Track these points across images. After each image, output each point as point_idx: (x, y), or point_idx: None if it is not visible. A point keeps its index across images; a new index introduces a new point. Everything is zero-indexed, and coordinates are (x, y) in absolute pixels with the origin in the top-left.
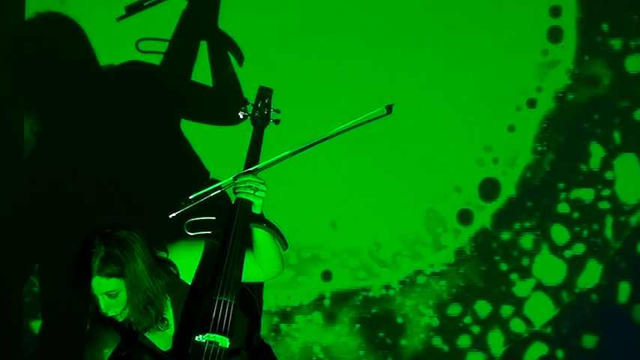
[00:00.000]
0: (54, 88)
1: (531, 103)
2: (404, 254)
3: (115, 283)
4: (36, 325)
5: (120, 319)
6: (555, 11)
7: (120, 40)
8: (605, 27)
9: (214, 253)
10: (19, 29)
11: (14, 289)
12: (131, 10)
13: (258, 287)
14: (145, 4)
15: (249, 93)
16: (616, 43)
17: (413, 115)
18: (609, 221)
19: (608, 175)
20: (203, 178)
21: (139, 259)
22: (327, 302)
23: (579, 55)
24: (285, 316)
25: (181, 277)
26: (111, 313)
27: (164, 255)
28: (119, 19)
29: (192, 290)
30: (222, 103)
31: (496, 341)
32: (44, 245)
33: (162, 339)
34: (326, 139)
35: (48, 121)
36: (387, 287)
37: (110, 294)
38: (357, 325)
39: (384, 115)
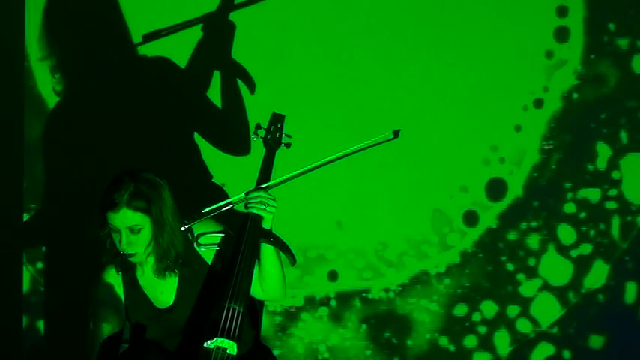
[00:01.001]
0: (70, 89)
1: (538, 103)
2: (410, 254)
3: (140, 218)
4: (39, 324)
5: (135, 260)
6: (562, 11)
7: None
8: (611, 27)
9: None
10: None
11: (17, 289)
12: (148, 38)
13: None
14: (162, 33)
15: (261, 118)
16: (623, 43)
17: (419, 114)
18: (616, 221)
19: (615, 175)
20: (213, 191)
21: (166, 200)
22: (333, 302)
23: (586, 55)
24: (291, 316)
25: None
26: (129, 251)
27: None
28: (136, 45)
29: (202, 264)
30: (229, 135)
31: (502, 341)
32: (51, 245)
33: (160, 297)
34: (333, 162)
35: (58, 121)
36: (393, 287)
37: (133, 229)
38: (363, 325)
39: (390, 140)
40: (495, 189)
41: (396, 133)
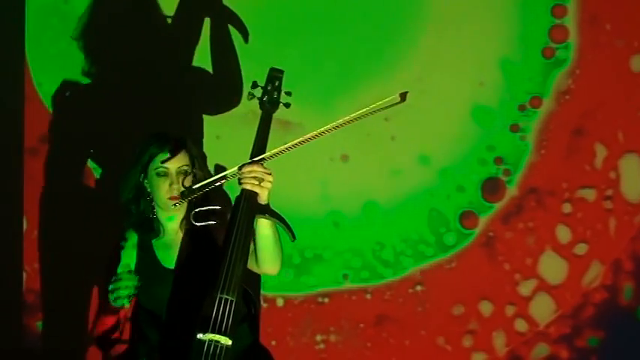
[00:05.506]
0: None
1: (535, 103)
2: (407, 254)
3: (189, 159)
4: (38, 325)
5: (180, 205)
6: (559, 10)
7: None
8: (609, 26)
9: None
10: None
11: (17, 288)
12: None
13: (258, 286)
14: None
15: (257, 75)
16: (620, 43)
17: (416, 113)
18: (613, 221)
19: (612, 174)
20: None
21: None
22: (329, 301)
23: (583, 54)
24: (288, 315)
25: None
26: (177, 193)
27: None
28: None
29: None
30: (220, 88)
31: (499, 341)
32: (52, 244)
33: (168, 258)
34: (338, 128)
35: (53, 118)
36: (390, 287)
37: (182, 171)
38: (361, 325)
39: (397, 103)
40: (492, 189)
41: (402, 96)
